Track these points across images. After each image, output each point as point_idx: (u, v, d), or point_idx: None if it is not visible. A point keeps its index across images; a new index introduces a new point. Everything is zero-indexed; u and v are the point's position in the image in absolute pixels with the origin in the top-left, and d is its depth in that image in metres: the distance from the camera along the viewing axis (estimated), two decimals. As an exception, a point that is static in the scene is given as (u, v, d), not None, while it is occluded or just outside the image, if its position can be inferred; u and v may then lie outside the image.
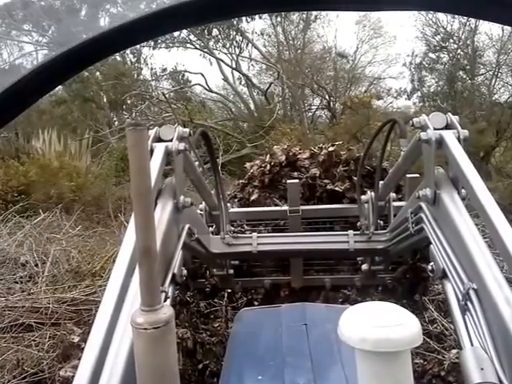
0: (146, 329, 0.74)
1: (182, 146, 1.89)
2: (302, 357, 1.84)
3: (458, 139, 1.77)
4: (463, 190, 1.67)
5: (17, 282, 4.38)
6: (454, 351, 3.44)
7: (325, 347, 1.87)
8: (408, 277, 3.30)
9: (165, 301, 1.28)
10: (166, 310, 0.76)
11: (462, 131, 1.80)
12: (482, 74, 15.04)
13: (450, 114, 1.90)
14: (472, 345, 1.20)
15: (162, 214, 1.66)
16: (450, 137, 1.76)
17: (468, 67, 14.93)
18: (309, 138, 12.76)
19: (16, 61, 15.64)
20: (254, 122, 16.08)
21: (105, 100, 15.44)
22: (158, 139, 1.93)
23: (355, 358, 0.93)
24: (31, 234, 5.89)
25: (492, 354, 1.12)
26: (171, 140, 1.90)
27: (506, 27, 13.99)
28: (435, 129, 1.81)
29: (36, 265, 4.91)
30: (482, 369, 1.09)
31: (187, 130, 2.02)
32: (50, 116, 14.02)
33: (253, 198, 3.61)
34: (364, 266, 3.15)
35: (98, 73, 14.81)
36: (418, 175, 2.49)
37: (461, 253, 1.44)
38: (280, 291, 3.56)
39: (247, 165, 3.88)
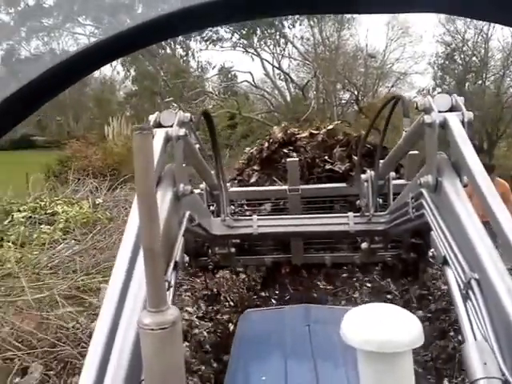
0: (152, 329, 0.74)
1: (182, 131, 1.81)
2: (304, 357, 1.87)
3: (463, 122, 1.68)
4: (465, 177, 1.60)
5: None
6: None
7: (327, 348, 1.89)
8: (407, 257, 3.35)
9: (168, 289, 1.28)
10: (173, 312, 0.76)
11: (466, 113, 1.70)
12: (491, 76, 16.84)
13: (455, 95, 1.79)
14: (475, 336, 1.16)
15: (163, 202, 1.61)
16: (453, 120, 1.68)
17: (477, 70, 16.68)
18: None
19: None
20: (289, 114, 18.05)
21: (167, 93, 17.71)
22: (159, 125, 1.85)
23: (357, 359, 0.95)
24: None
25: (495, 347, 1.10)
26: (172, 126, 1.83)
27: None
28: (440, 111, 1.72)
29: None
30: (485, 363, 1.07)
31: (188, 114, 1.95)
32: (123, 107, 16.59)
33: (252, 180, 3.62)
34: (363, 245, 3.14)
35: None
36: (417, 152, 2.49)
37: (462, 241, 1.41)
38: (281, 268, 3.64)
39: (247, 150, 4.03)
